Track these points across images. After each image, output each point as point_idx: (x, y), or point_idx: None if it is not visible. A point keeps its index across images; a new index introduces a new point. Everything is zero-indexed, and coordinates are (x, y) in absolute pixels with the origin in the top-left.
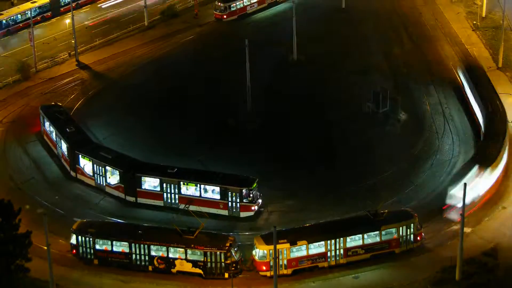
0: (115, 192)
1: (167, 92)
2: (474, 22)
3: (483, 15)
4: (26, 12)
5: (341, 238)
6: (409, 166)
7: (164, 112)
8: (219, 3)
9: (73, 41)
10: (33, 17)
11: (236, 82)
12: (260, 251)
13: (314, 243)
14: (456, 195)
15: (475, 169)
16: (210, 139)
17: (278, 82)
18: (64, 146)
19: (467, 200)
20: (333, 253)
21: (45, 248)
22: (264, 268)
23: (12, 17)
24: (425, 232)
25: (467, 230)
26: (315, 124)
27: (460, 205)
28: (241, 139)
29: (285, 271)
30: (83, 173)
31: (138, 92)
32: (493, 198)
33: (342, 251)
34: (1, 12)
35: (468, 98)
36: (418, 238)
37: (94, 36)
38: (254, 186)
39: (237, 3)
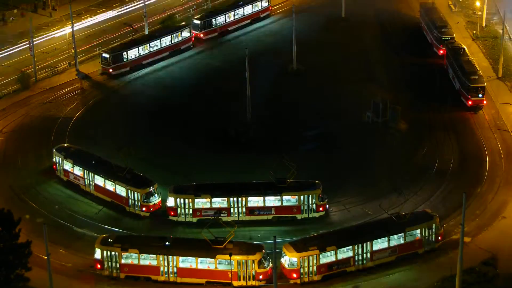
0: None
1: (167, 101)
2: (474, 31)
3: (483, 24)
4: None
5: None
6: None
7: (163, 121)
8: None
9: (73, 51)
10: None
11: (236, 91)
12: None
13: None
14: None
15: None
16: (210, 148)
17: (278, 92)
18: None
19: None
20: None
21: (45, 257)
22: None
23: None
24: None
25: (466, 239)
26: (315, 133)
27: None
28: (241, 148)
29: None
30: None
31: (138, 101)
32: (493, 208)
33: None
34: None
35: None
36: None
37: (95, 46)
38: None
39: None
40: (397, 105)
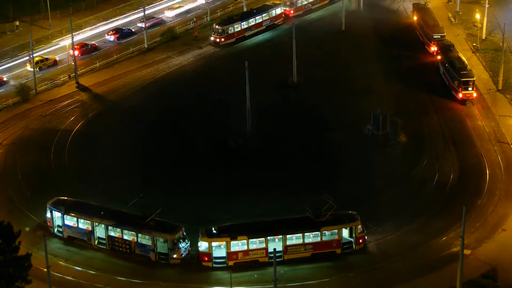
0: None
1: (167, 114)
2: (474, 44)
3: (483, 37)
4: None
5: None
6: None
7: (162, 133)
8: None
9: (73, 63)
10: None
11: (236, 104)
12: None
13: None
14: None
15: None
16: (210, 160)
17: (277, 104)
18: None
19: None
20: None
21: (45, 270)
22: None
23: None
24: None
25: (466, 252)
26: (315, 145)
27: None
28: (241, 161)
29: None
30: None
31: (138, 113)
32: (493, 220)
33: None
34: None
35: None
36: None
37: (95, 58)
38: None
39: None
40: (397, 117)
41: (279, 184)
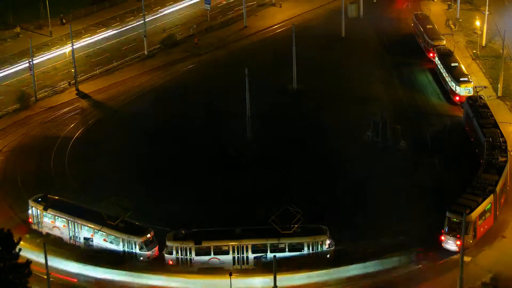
0: None
1: (167, 121)
2: (474, 51)
3: (483, 44)
4: None
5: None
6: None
7: (163, 141)
8: None
9: (73, 70)
10: None
11: (236, 111)
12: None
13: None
14: None
15: None
16: (209, 167)
17: (278, 111)
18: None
19: None
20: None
21: (45, 277)
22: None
23: None
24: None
25: (467, 259)
26: (315, 153)
27: None
28: (241, 168)
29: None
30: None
31: (137, 121)
32: (493, 227)
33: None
34: None
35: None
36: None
37: (94, 65)
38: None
39: None
40: (396, 124)
41: (277, 192)
